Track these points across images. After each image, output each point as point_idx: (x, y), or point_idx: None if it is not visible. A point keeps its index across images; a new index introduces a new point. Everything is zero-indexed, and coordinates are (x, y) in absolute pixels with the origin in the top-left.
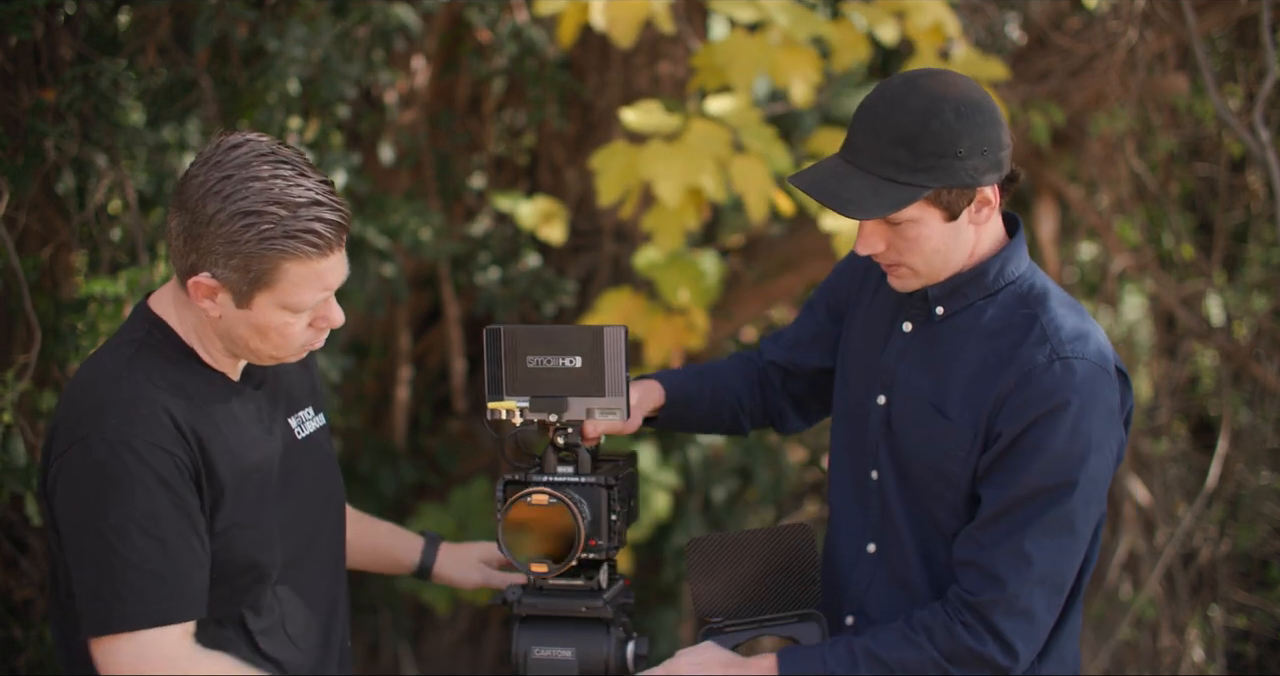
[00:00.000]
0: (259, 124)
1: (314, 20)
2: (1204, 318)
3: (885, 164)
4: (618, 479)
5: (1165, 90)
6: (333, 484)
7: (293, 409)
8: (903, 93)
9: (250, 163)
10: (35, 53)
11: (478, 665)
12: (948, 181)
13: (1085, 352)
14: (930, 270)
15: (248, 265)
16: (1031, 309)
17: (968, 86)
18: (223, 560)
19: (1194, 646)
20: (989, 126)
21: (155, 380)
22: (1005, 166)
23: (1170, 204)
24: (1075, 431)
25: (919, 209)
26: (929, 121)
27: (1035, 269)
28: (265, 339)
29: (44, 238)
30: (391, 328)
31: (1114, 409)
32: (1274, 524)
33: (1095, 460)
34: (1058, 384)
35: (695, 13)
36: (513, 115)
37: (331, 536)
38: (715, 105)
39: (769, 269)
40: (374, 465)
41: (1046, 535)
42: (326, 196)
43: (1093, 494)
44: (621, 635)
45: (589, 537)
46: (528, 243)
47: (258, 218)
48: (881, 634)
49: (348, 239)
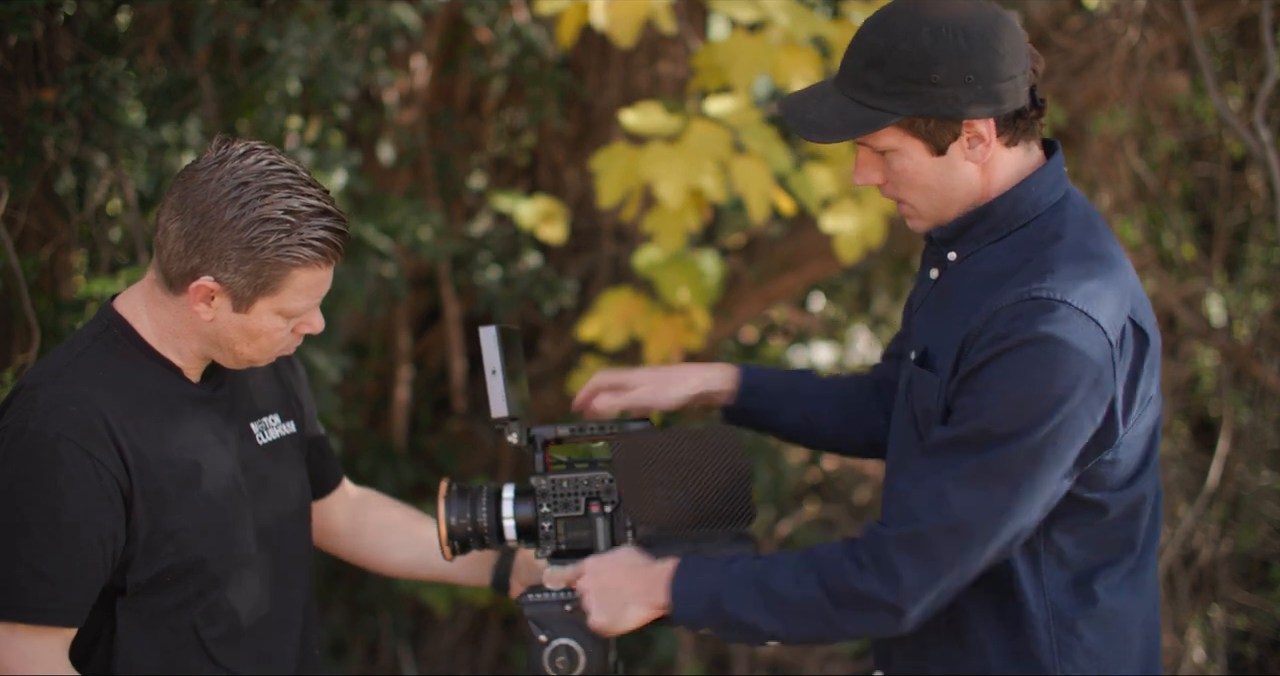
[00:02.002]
0: (259, 124)
1: (314, 20)
2: (1204, 317)
3: (858, 87)
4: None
5: (1166, 90)
6: (295, 491)
7: (255, 414)
8: (890, 12)
9: (264, 171)
10: (35, 52)
11: (477, 665)
12: (920, 109)
13: (1067, 295)
14: (932, 209)
15: (259, 271)
16: (1034, 254)
17: (969, 10)
18: (169, 563)
19: (1195, 646)
20: (978, 54)
21: (98, 379)
22: (1006, 99)
23: (1171, 204)
24: (1031, 377)
25: (897, 138)
26: (899, 42)
27: (1065, 209)
28: (252, 343)
29: (43, 237)
30: (391, 327)
31: (1094, 364)
32: (1275, 524)
33: (1056, 416)
34: (1021, 322)
35: (695, 12)
36: (512, 115)
37: (294, 544)
38: (716, 106)
39: (769, 269)
40: (374, 465)
41: (973, 483)
42: (332, 206)
43: (1048, 454)
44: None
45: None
46: (528, 242)
47: (276, 225)
48: (779, 564)
49: (346, 239)
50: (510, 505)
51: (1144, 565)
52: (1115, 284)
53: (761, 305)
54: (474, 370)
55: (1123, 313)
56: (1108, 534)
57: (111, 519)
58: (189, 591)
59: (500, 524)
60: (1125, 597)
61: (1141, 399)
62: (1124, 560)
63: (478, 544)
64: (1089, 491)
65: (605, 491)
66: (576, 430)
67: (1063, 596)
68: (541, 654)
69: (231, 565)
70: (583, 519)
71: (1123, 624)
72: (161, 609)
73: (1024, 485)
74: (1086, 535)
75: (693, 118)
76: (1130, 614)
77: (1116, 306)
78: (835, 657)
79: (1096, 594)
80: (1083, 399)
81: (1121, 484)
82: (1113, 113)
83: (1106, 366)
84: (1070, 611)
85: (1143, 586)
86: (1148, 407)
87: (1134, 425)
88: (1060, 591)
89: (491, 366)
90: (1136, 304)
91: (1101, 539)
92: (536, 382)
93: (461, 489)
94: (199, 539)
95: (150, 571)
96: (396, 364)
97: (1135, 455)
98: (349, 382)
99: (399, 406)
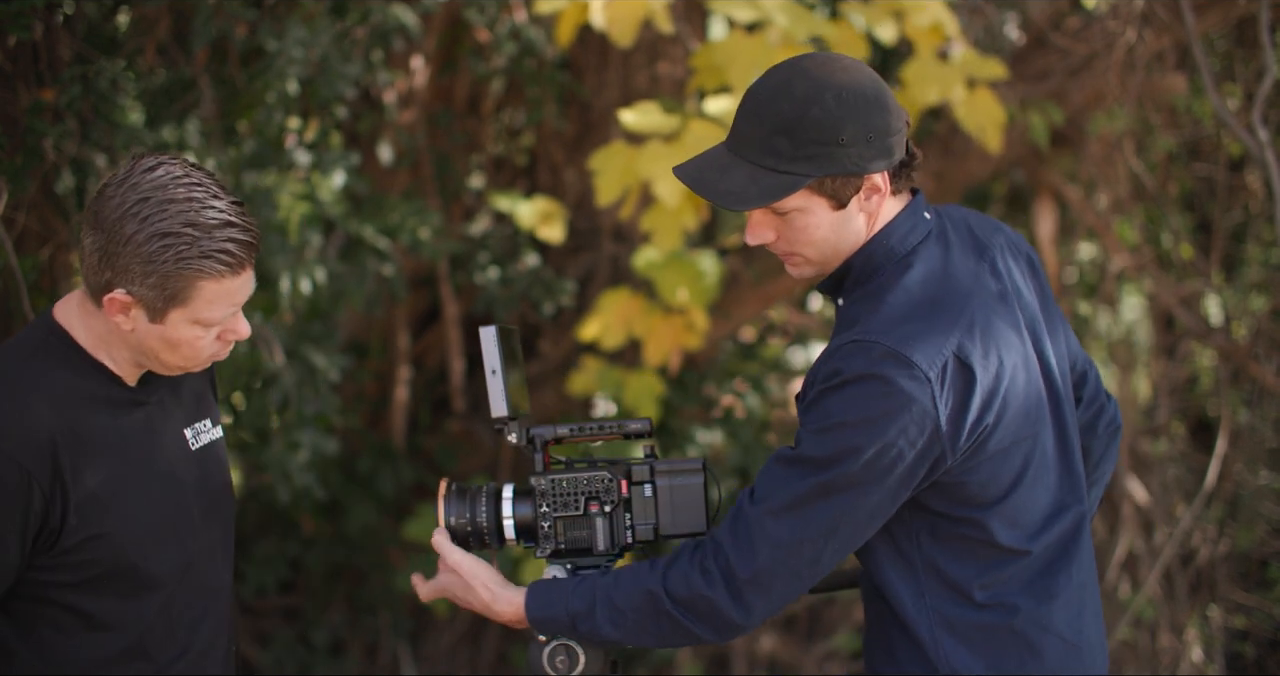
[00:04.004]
0: (258, 124)
1: (313, 20)
2: (1203, 317)
3: (766, 154)
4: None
5: (1164, 90)
6: (221, 496)
7: (190, 420)
8: (786, 79)
9: (166, 185)
10: (34, 52)
11: (477, 665)
12: (830, 169)
13: (884, 338)
14: (822, 257)
15: (164, 284)
16: (875, 302)
17: (855, 72)
18: (101, 569)
19: (1193, 646)
20: (874, 113)
21: (39, 388)
22: (896, 152)
23: (1169, 204)
24: (852, 409)
25: (804, 198)
26: (809, 108)
27: (918, 253)
28: (175, 351)
29: (43, 238)
30: (390, 327)
31: (909, 396)
32: (1273, 524)
33: (874, 444)
34: (846, 362)
35: (694, 12)
36: (511, 115)
37: (222, 546)
38: (714, 105)
39: (768, 269)
40: (373, 465)
41: (792, 512)
42: (239, 217)
43: (868, 478)
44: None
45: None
46: (527, 242)
47: (175, 239)
48: (624, 577)
49: (345, 238)
50: (510, 505)
51: (1051, 572)
52: (940, 321)
53: (760, 305)
54: (473, 370)
55: (945, 350)
56: (988, 546)
57: (26, 531)
58: (122, 592)
59: (500, 523)
60: (1025, 604)
61: (974, 425)
62: (1013, 568)
63: (477, 544)
64: (957, 507)
65: (604, 491)
66: (576, 430)
67: (944, 603)
68: (541, 654)
69: (163, 569)
70: (582, 518)
71: (1024, 630)
72: (93, 610)
73: (846, 506)
74: (963, 548)
75: (691, 117)
76: (1034, 620)
77: (936, 346)
78: (834, 657)
79: (979, 601)
80: (900, 429)
81: (996, 499)
82: (1111, 113)
83: (926, 400)
84: (955, 618)
85: (1049, 593)
86: (991, 433)
87: (979, 448)
88: (941, 599)
89: (491, 366)
90: (968, 338)
91: (980, 549)
92: (536, 382)
93: (461, 489)
94: (132, 544)
95: (82, 575)
96: (396, 364)
97: (1004, 472)
98: (348, 382)
99: (398, 406)
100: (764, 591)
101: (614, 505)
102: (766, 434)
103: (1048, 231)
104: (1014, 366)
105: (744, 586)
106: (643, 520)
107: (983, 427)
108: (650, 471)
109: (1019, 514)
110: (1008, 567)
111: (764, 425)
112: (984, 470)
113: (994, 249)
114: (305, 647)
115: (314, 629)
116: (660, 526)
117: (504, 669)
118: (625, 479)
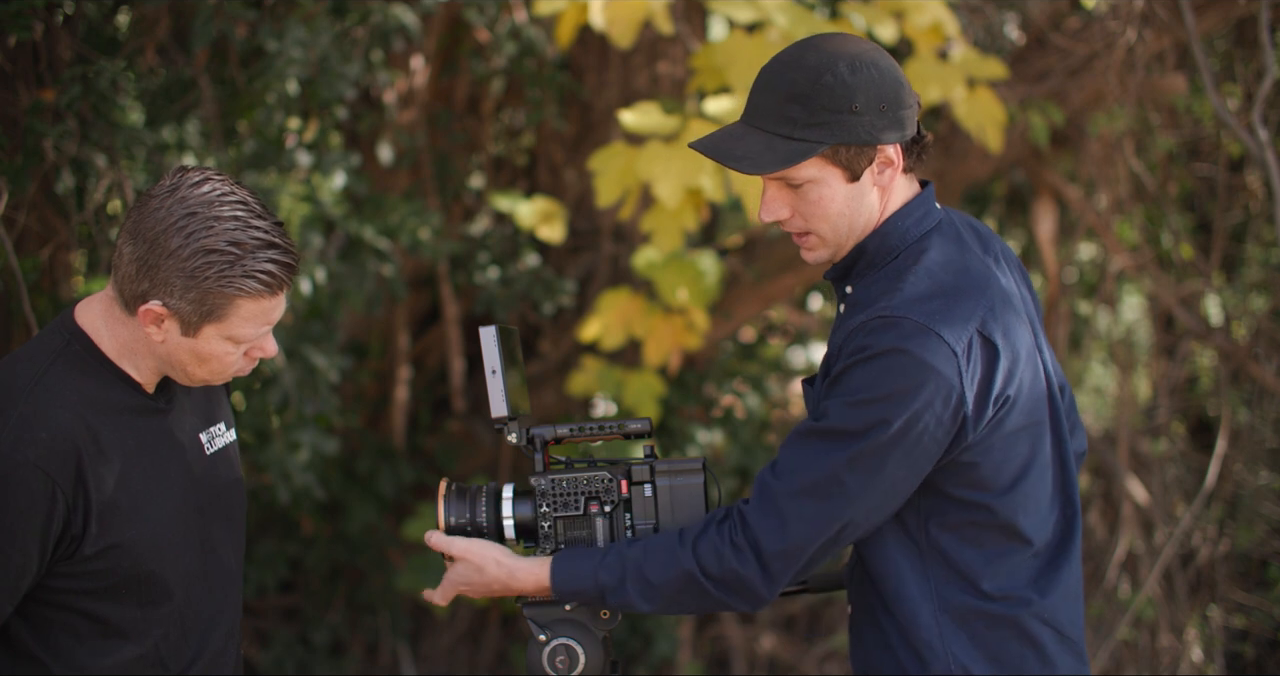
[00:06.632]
0: (258, 124)
1: (313, 20)
2: (1203, 317)
3: (781, 122)
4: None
5: (1164, 90)
6: (235, 500)
7: (204, 424)
8: (799, 52)
9: (212, 202)
10: (34, 53)
11: (476, 665)
12: (843, 137)
13: (911, 312)
14: (837, 236)
15: (203, 299)
16: (896, 281)
17: (866, 46)
18: (121, 576)
19: (1193, 646)
20: (886, 83)
21: (63, 395)
22: (908, 126)
23: (1169, 204)
24: (880, 383)
25: (818, 168)
26: (822, 76)
27: (932, 237)
28: (203, 365)
29: (43, 238)
30: (390, 327)
31: (937, 370)
32: (1272, 524)
33: (902, 416)
34: (873, 337)
35: (694, 13)
36: (511, 115)
37: (229, 553)
38: (714, 106)
39: (768, 269)
40: (373, 465)
41: (815, 492)
42: (281, 239)
43: (896, 451)
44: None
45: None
46: (527, 242)
47: (219, 256)
48: (654, 551)
49: (345, 239)
50: (510, 505)
51: (1054, 566)
52: (964, 301)
53: (760, 305)
54: (473, 370)
55: (970, 326)
56: (995, 532)
57: (51, 539)
58: (141, 600)
59: (500, 523)
60: (1033, 596)
61: (996, 399)
62: (1019, 558)
63: None
64: (969, 492)
65: (604, 491)
66: (576, 430)
67: (949, 589)
68: (541, 653)
69: (180, 576)
70: (582, 518)
71: (1029, 623)
72: (110, 617)
73: (873, 477)
74: (972, 534)
75: (691, 117)
76: (1040, 613)
77: (962, 322)
78: (834, 657)
79: (985, 590)
80: (926, 401)
81: (1005, 486)
82: (1111, 113)
83: (952, 373)
84: (960, 604)
85: (1050, 586)
86: (1010, 409)
87: (995, 427)
88: (945, 584)
89: (491, 366)
90: (990, 317)
91: (988, 537)
92: (536, 382)
93: (461, 489)
94: (150, 552)
95: (101, 582)
96: (396, 364)
97: (1014, 457)
98: (348, 383)
99: (398, 406)
100: (791, 565)
101: (614, 505)
102: (766, 434)
103: (1048, 231)
104: (1027, 352)
105: (772, 561)
106: (643, 520)
107: (1004, 400)
108: (650, 471)
109: (1026, 502)
110: (1013, 558)
111: (764, 425)
112: (997, 452)
113: (995, 251)
114: (305, 647)
115: (314, 629)
116: (660, 526)
117: (504, 668)
118: (625, 479)
